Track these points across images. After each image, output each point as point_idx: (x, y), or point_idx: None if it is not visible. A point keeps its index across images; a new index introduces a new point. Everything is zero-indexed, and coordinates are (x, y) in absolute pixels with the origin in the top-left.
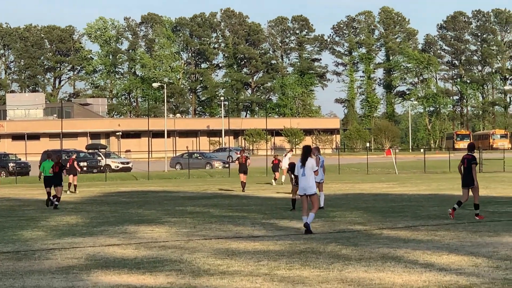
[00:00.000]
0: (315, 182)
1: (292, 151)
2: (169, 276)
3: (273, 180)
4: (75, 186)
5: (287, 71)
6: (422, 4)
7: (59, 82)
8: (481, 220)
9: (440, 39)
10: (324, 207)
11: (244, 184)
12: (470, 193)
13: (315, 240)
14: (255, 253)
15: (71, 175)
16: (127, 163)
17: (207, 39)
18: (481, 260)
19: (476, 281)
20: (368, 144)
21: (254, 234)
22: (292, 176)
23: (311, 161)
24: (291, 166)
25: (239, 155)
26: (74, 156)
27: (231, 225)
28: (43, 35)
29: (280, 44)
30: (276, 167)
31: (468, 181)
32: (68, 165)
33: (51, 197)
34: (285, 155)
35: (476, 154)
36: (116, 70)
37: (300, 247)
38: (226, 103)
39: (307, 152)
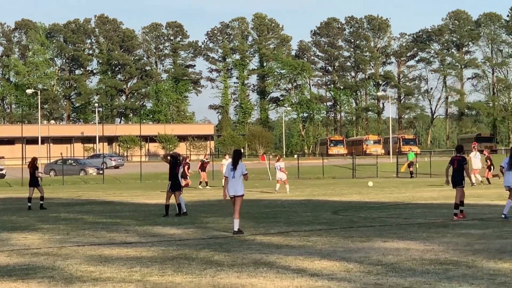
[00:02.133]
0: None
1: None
2: (41, 284)
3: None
4: None
5: (162, 77)
6: (296, 11)
7: None
8: (460, 220)
9: (313, 45)
10: (187, 212)
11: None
12: None
13: (187, 246)
14: (128, 259)
15: None
16: (1, 170)
17: (81, 45)
18: (352, 266)
19: (348, 286)
20: (242, 150)
21: (127, 241)
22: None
23: (241, 165)
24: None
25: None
26: None
27: (105, 231)
28: None
29: (155, 51)
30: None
31: (458, 180)
32: None
33: None
34: None
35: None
36: None
37: (173, 253)
38: (101, 109)
39: (238, 156)
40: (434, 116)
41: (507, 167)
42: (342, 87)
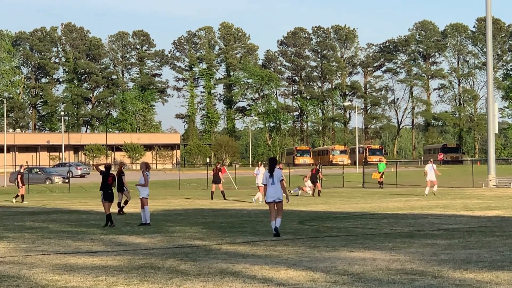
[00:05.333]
0: (142, 197)
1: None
2: None
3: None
4: None
5: (128, 86)
6: (263, 20)
7: None
8: None
9: (280, 55)
10: (151, 223)
11: (213, 193)
12: None
13: (153, 255)
14: (93, 268)
15: None
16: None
17: (48, 54)
18: (318, 275)
19: None
20: (208, 160)
21: (93, 250)
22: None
23: (278, 172)
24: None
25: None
26: None
27: (70, 240)
28: None
29: (121, 59)
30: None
31: None
32: None
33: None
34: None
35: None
36: None
37: (138, 263)
38: (67, 118)
39: (274, 163)
40: (401, 127)
41: None
42: (308, 97)
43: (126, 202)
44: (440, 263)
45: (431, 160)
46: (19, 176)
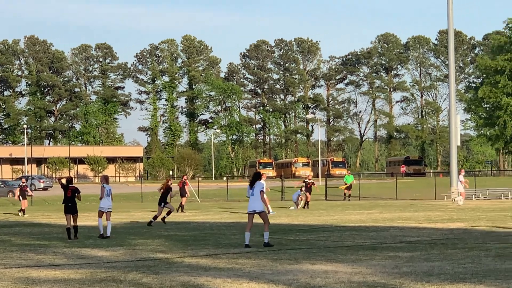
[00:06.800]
0: (102, 211)
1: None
2: None
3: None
4: None
5: (91, 99)
6: (225, 33)
7: None
8: None
9: (243, 67)
10: (110, 236)
11: (180, 205)
12: None
13: (116, 269)
14: (55, 281)
15: None
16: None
17: (10, 66)
18: None
19: None
20: (171, 172)
21: (55, 263)
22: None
23: (259, 184)
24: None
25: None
26: None
27: (32, 253)
28: None
29: (84, 72)
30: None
31: None
32: None
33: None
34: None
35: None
36: None
37: (101, 276)
38: (29, 131)
39: (256, 178)
40: (363, 139)
41: None
42: (271, 110)
43: (169, 213)
44: (402, 276)
45: (462, 170)
46: (19, 189)
